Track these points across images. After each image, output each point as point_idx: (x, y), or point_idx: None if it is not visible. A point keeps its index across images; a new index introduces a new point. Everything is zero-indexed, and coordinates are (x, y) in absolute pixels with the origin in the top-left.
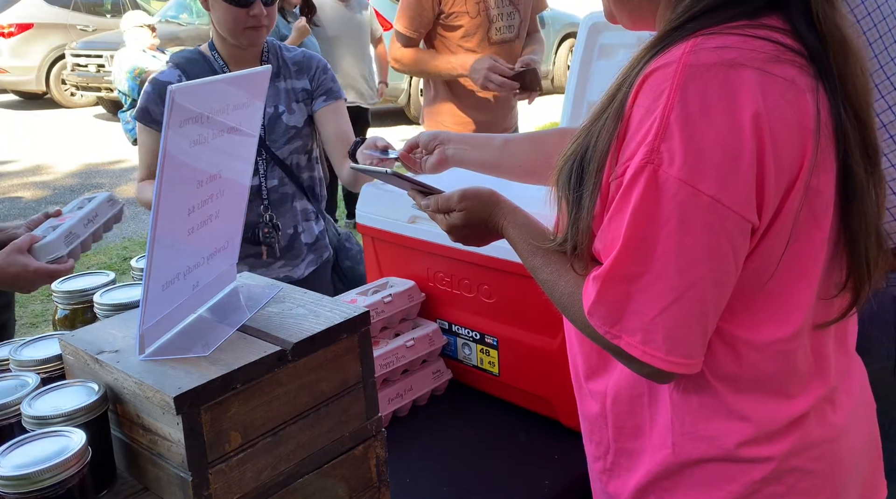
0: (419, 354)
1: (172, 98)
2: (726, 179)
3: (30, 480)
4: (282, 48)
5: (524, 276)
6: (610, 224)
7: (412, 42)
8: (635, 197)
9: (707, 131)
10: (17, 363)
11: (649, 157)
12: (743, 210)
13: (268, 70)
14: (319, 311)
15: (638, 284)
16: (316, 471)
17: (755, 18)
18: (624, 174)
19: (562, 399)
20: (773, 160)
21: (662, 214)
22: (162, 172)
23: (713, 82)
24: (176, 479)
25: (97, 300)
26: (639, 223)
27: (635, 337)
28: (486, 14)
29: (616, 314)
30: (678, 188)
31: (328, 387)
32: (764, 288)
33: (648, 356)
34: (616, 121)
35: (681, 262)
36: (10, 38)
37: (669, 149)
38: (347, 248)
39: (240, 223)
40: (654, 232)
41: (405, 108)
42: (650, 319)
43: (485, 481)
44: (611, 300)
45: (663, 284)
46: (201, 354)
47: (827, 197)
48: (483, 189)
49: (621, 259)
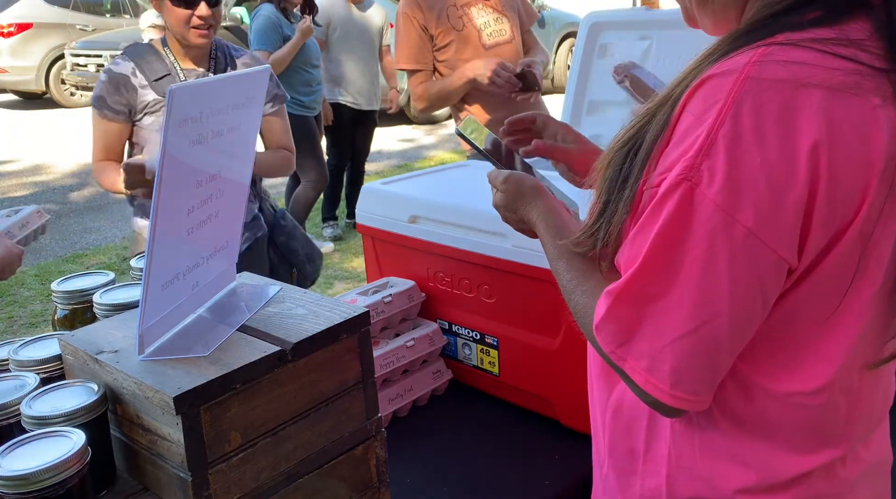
0: (419, 355)
1: (172, 98)
2: (768, 212)
3: (29, 480)
4: (230, 48)
5: (524, 276)
6: (636, 237)
7: (426, 75)
8: (666, 213)
9: (756, 155)
10: (17, 363)
11: (688, 173)
12: (781, 248)
13: (267, 70)
14: (319, 311)
15: (653, 308)
16: (316, 471)
17: (838, 23)
18: (660, 184)
19: (562, 399)
20: (826, 199)
21: (691, 237)
22: (162, 172)
23: (774, 101)
24: (176, 479)
25: (97, 300)
26: (664, 242)
27: (640, 363)
28: (472, 24)
29: (625, 335)
30: (713, 212)
31: (328, 387)
32: (791, 335)
33: (651, 386)
34: (663, 124)
35: (703, 292)
36: (10, 37)
37: (711, 168)
38: (282, 225)
39: (239, 223)
40: (679, 255)
41: (405, 108)
42: (660, 348)
43: (485, 482)
44: (621, 319)
45: (680, 313)
46: (201, 354)
47: (885, 249)
48: (529, 179)
49: (639, 278)
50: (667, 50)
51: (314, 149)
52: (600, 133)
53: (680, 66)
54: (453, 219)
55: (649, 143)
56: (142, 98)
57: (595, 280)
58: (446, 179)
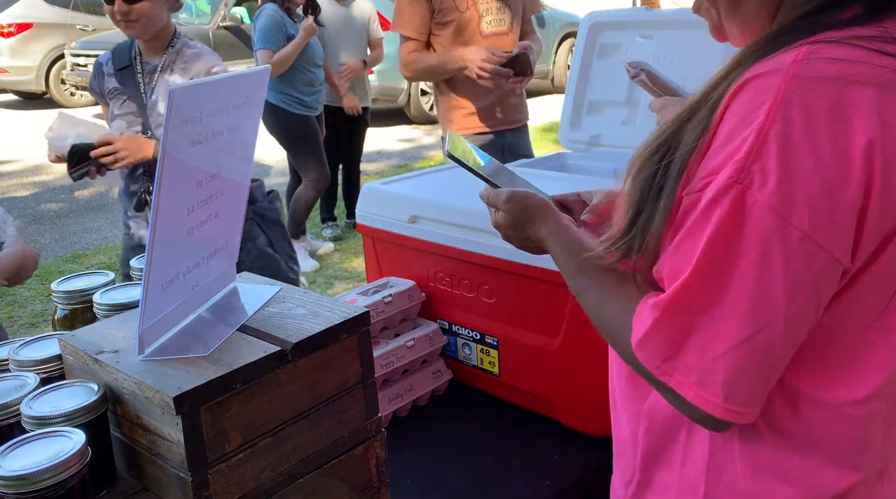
0: (419, 355)
1: (172, 98)
2: (823, 214)
3: (29, 480)
4: (186, 44)
5: (524, 276)
6: (681, 246)
7: (419, 45)
8: (716, 219)
9: (809, 156)
10: (17, 363)
11: (738, 176)
12: (836, 251)
13: (267, 70)
14: (319, 311)
15: (703, 319)
16: (316, 471)
17: (878, 21)
18: (704, 190)
19: (562, 399)
20: (880, 199)
21: (745, 242)
22: (162, 172)
23: (825, 99)
24: (176, 479)
25: (97, 300)
26: (716, 250)
27: (690, 377)
28: (475, 8)
29: (672, 349)
30: (766, 216)
31: (328, 387)
32: (842, 340)
33: (702, 401)
34: (702, 129)
35: (757, 299)
36: (10, 37)
37: (763, 170)
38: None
39: (240, 223)
40: (731, 262)
41: (405, 108)
42: (711, 360)
43: (485, 481)
44: (669, 332)
45: (733, 322)
46: (201, 354)
47: None
48: (533, 197)
49: (690, 288)
50: (667, 50)
51: (316, 148)
52: (600, 132)
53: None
54: (453, 219)
55: (687, 148)
56: (107, 85)
57: (627, 294)
58: (446, 179)
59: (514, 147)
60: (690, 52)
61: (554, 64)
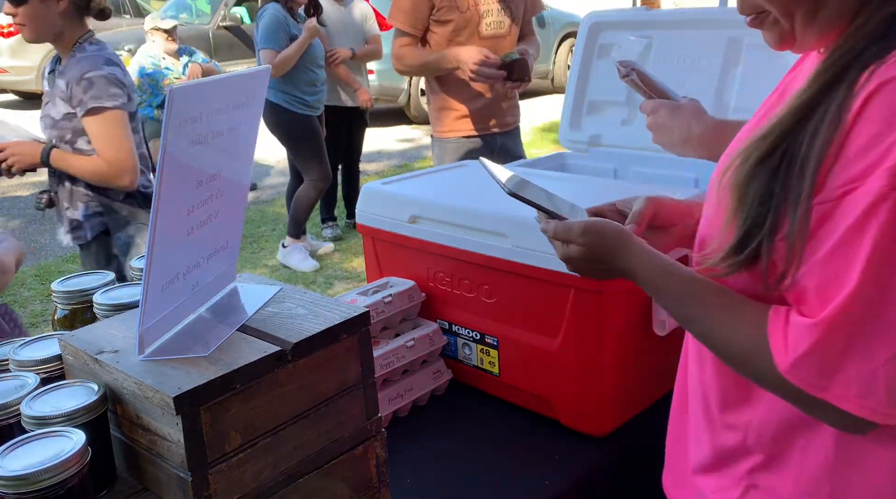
0: (419, 355)
1: (172, 98)
2: None
3: (29, 480)
4: (82, 48)
5: (524, 276)
6: (833, 257)
7: (413, 40)
8: (876, 229)
9: None
10: (17, 363)
11: (894, 181)
12: None
13: (268, 70)
14: (319, 311)
15: (865, 331)
16: (316, 471)
17: None
18: (843, 197)
19: (562, 399)
20: None
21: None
22: (162, 172)
23: None
24: (176, 479)
25: (97, 300)
26: (883, 261)
27: (851, 389)
28: (476, 9)
29: (833, 366)
30: None
31: (328, 387)
32: None
33: (868, 410)
34: (830, 134)
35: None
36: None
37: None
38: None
39: (240, 223)
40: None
41: (405, 108)
42: (873, 369)
43: (485, 481)
44: (831, 349)
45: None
46: (201, 354)
47: None
48: (610, 226)
49: (855, 302)
50: (667, 50)
51: (318, 148)
52: (600, 132)
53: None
54: (453, 219)
55: (817, 154)
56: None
57: (753, 315)
58: (446, 179)
59: (504, 149)
60: (689, 52)
61: (554, 64)
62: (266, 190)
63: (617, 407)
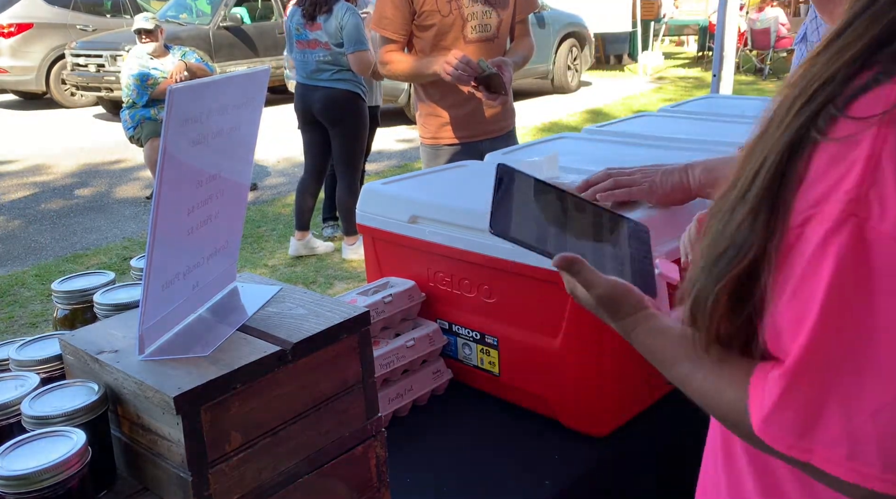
0: (419, 355)
1: (172, 98)
2: None
3: (30, 480)
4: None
5: (524, 276)
6: (794, 298)
7: (398, 45)
8: (834, 259)
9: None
10: (18, 363)
11: (852, 207)
12: None
13: (267, 71)
14: (319, 311)
15: (841, 380)
16: (316, 471)
17: None
18: (805, 225)
19: (562, 399)
20: None
21: (876, 283)
22: (162, 172)
23: None
24: (176, 479)
25: (97, 300)
26: (842, 297)
27: (836, 450)
28: (459, 13)
29: (807, 422)
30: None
31: (328, 387)
32: None
33: (856, 474)
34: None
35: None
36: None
37: (881, 197)
38: None
39: (240, 223)
40: (865, 308)
41: (405, 108)
42: (858, 425)
43: (485, 481)
44: (802, 402)
45: (878, 379)
46: (201, 354)
47: None
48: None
49: (818, 345)
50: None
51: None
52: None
53: None
54: (453, 219)
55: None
56: None
57: (741, 371)
58: (446, 179)
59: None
60: None
61: (554, 64)
62: (266, 190)
63: (617, 407)
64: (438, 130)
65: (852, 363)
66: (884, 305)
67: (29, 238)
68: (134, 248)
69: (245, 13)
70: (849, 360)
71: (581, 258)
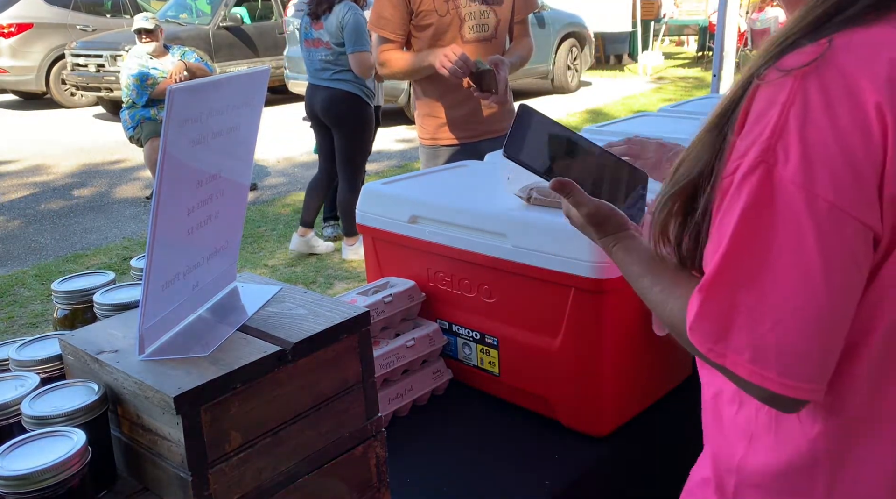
0: (419, 355)
1: (172, 98)
2: (846, 181)
3: (30, 480)
4: None
5: (524, 276)
6: (718, 228)
7: (396, 45)
8: (745, 198)
9: (826, 126)
10: (17, 363)
11: (763, 155)
12: (864, 215)
13: (267, 71)
14: (319, 311)
15: (747, 296)
16: (316, 471)
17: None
18: (735, 172)
19: (562, 399)
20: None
21: (776, 218)
22: (162, 172)
23: (840, 73)
24: (176, 479)
25: (97, 300)
26: (749, 227)
27: (743, 355)
28: (457, 12)
29: (721, 329)
30: (794, 191)
31: (328, 387)
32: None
33: (758, 377)
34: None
35: (796, 272)
36: (10, 37)
37: (785, 147)
38: None
39: (240, 223)
40: (765, 238)
41: (405, 108)
42: (761, 335)
43: (485, 481)
44: (715, 312)
45: (776, 297)
46: (201, 354)
47: None
48: (615, 217)
49: (726, 266)
50: None
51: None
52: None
53: None
54: (453, 219)
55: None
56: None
57: (687, 286)
58: (446, 179)
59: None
60: None
61: (554, 64)
62: (266, 190)
63: (617, 407)
64: (437, 130)
65: (755, 283)
66: (782, 235)
67: (29, 238)
68: (134, 248)
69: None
70: (752, 280)
71: (573, 182)
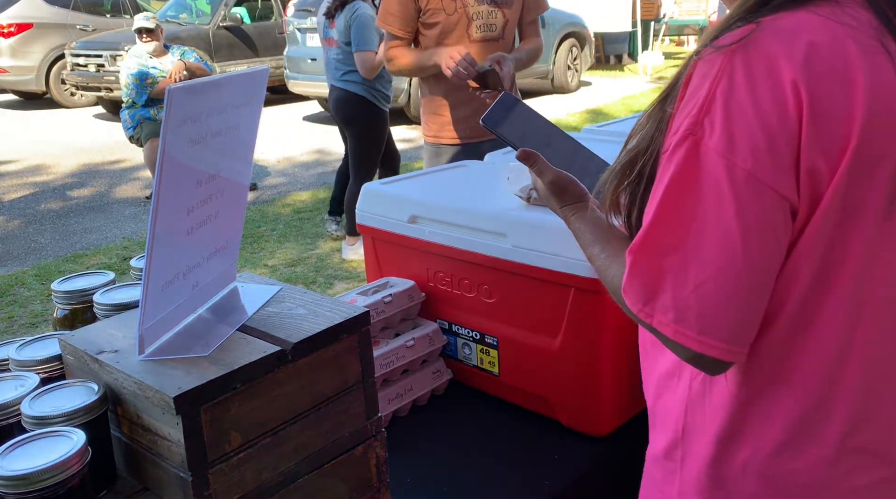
0: (419, 355)
1: (171, 97)
2: (764, 152)
3: (30, 480)
4: None
5: (524, 276)
6: (651, 197)
7: (404, 42)
8: (673, 168)
9: (748, 101)
10: (17, 363)
11: (692, 128)
12: (781, 187)
13: (266, 71)
14: (319, 311)
15: (672, 259)
16: (316, 471)
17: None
18: (667, 149)
19: (562, 399)
20: (812, 135)
21: (700, 187)
22: (161, 172)
23: (763, 53)
24: (176, 479)
25: (97, 300)
26: (674, 195)
27: (668, 315)
28: (464, 11)
29: (649, 291)
30: (715, 161)
31: (328, 387)
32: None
33: (681, 336)
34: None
35: (717, 238)
36: (10, 37)
37: (711, 121)
38: None
39: (240, 223)
40: (690, 205)
41: (405, 108)
42: (684, 296)
43: (485, 481)
44: (644, 275)
45: (698, 260)
46: (201, 354)
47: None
48: (575, 188)
49: (653, 231)
50: None
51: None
52: None
53: None
54: (453, 219)
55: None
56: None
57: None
58: (446, 179)
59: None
60: None
61: (554, 64)
62: (266, 190)
63: (617, 407)
64: (441, 129)
65: (680, 247)
66: (705, 202)
67: (29, 238)
68: (134, 248)
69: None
70: (677, 244)
71: (538, 153)
